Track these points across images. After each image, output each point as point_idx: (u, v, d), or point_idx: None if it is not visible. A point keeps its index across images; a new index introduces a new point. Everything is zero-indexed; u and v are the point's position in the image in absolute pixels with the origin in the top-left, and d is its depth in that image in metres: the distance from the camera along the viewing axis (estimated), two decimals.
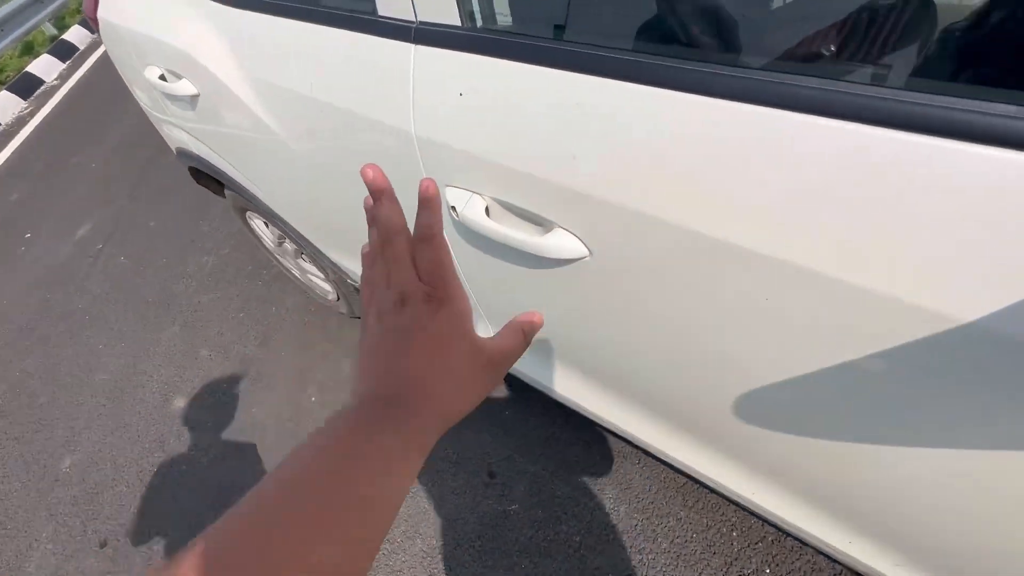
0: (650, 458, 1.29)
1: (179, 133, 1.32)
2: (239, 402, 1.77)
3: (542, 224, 0.61)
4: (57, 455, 1.82)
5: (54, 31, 6.27)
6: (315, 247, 1.30)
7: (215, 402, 1.80)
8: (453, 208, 0.68)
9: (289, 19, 0.81)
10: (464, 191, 0.67)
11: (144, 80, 1.18)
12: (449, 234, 0.78)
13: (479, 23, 0.59)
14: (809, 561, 1.11)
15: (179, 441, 1.73)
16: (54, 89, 5.18)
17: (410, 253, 0.33)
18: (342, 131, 0.79)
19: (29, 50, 5.96)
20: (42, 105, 4.90)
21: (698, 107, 0.45)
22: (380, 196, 0.32)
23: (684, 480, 1.26)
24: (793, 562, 1.12)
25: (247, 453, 1.63)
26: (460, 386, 0.34)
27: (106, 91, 4.69)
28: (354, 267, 1.26)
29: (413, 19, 0.63)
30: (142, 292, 2.37)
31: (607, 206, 0.54)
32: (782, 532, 1.15)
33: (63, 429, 1.90)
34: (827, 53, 0.67)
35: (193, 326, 2.11)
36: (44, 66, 5.63)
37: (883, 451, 0.51)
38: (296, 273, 1.84)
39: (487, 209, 0.66)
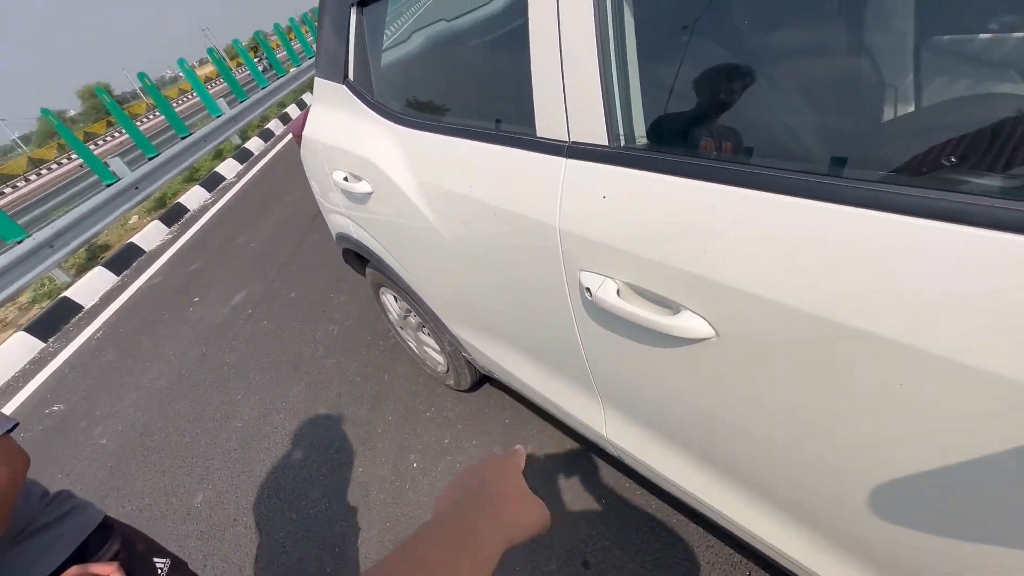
0: (760, 567, 1.19)
1: (344, 221, 1.61)
2: (349, 461, 1.91)
3: (670, 307, 0.69)
4: (192, 490, 2.06)
5: (239, 141, 7.87)
6: (441, 321, 1.47)
7: (328, 459, 1.95)
8: (588, 289, 0.79)
9: (456, 137, 1.03)
10: (598, 275, 0.78)
11: (330, 180, 1.49)
12: (579, 315, 0.88)
13: (622, 142, 0.73)
14: None
15: (293, 491, 1.88)
16: (231, 185, 6.40)
17: None
18: (493, 223, 0.95)
19: (219, 155, 7.49)
20: (222, 196, 6.05)
21: (793, 208, 0.53)
22: None
23: None
24: None
25: (349, 511, 1.73)
26: (519, 512, 0.45)
27: (270, 187, 5.71)
28: (472, 340, 1.39)
29: (567, 139, 0.79)
30: (278, 353, 2.71)
31: (735, 292, 0.61)
32: None
33: (200, 468, 2.15)
34: (947, 163, 0.72)
35: (317, 385, 2.36)
36: (227, 167, 7.00)
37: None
38: (413, 344, 2.03)
39: (618, 291, 0.75)
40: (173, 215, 5.82)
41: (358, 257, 1.88)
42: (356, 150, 1.32)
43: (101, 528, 0.87)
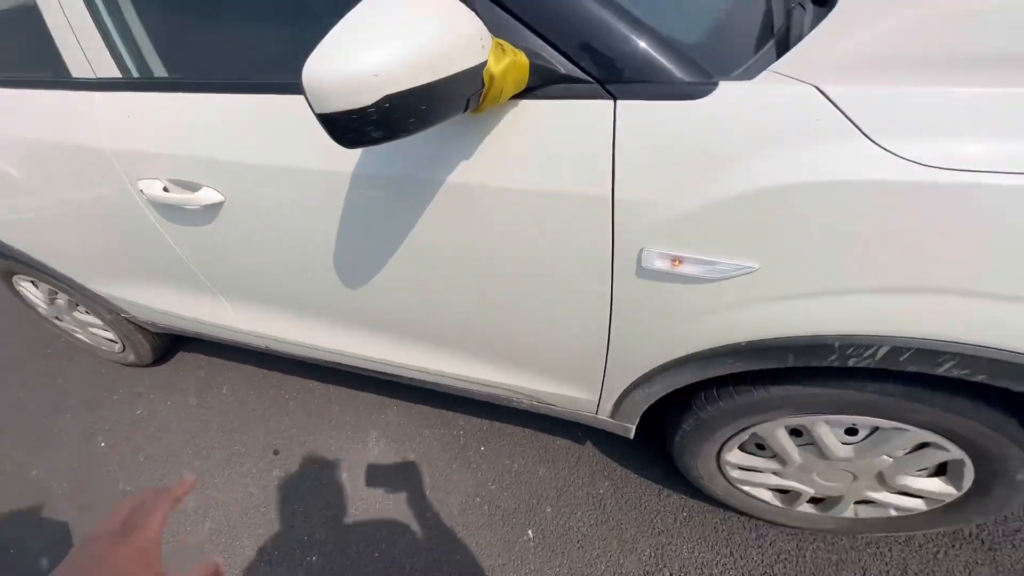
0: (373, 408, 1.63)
1: None
2: (18, 471, 1.74)
3: (195, 189, 0.98)
4: None
5: None
6: (78, 283, 1.49)
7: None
8: (142, 192, 1.02)
9: (10, 88, 1.11)
10: (148, 180, 1.01)
11: None
12: (159, 221, 1.10)
13: (133, 74, 0.97)
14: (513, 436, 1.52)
15: None
16: None
17: None
18: (61, 160, 1.09)
19: None
20: None
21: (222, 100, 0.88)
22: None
23: (391, 409, 1.62)
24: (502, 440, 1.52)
25: (26, 512, 1.61)
26: None
27: None
28: (113, 292, 1.47)
29: (94, 76, 0.99)
30: None
31: (226, 163, 0.92)
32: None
33: None
34: None
35: None
36: None
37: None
38: (79, 334, 1.93)
39: (164, 188, 1.01)
40: None
41: None
42: None
43: None
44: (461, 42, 0.57)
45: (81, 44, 0.97)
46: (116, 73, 0.97)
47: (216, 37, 0.94)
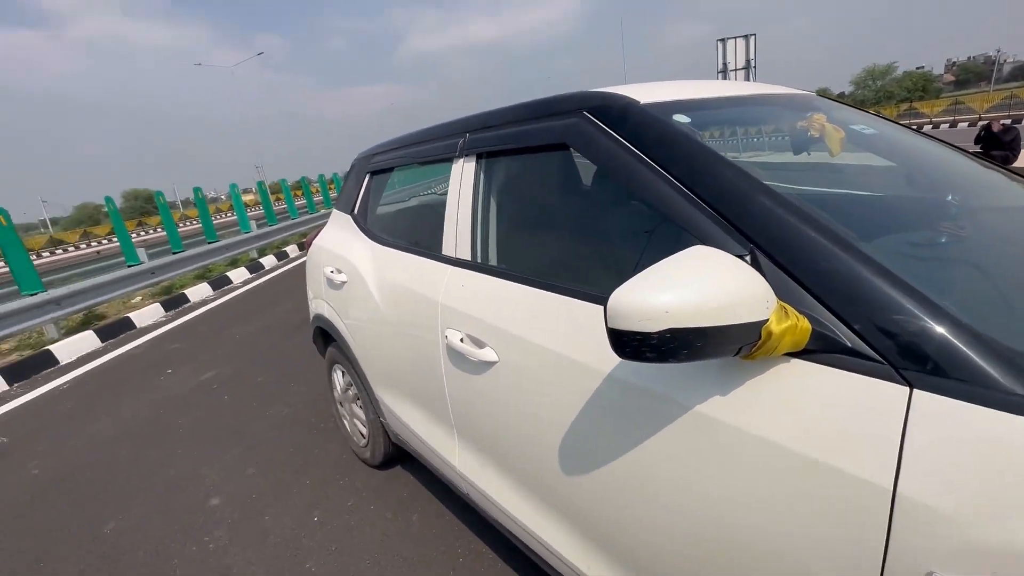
0: None
1: (322, 303, 2.19)
2: (259, 510, 2.15)
3: (482, 345, 1.23)
4: (102, 519, 2.23)
5: (256, 256, 8.82)
6: (369, 383, 1.94)
7: (241, 506, 2.19)
8: (446, 337, 1.33)
9: (403, 252, 1.68)
10: (454, 330, 1.33)
11: (321, 272, 2.12)
12: (444, 359, 1.40)
13: (478, 260, 1.36)
14: None
15: (200, 529, 2.09)
16: (236, 288, 7.08)
17: None
18: (409, 300, 1.53)
19: (234, 263, 8.34)
20: (223, 296, 6.68)
21: (529, 291, 1.12)
22: None
23: None
24: None
25: (245, 547, 1.94)
26: None
27: (269, 296, 6.38)
28: (386, 399, 1.85)
29: (455, 256, 1.42)
30: (227, 421, 3.02)
31: (505, 332, 1.16)
32: None
33: (115, 506, 2.34)
34: None
35: (253, 450, 2.65)
36: (237, 274, 7.76)
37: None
38: (347, 421, 2.42)
39: (461, 339, 1.30)
40: (174, 302, 6.38)
41: (324, 338, 2.41)
42: (344, 253, 1.97)
43: None
44: (747, 300, 0.65)
45: (457, 233, 1.42)
46: (468, 257, 1.38)
47: (533, 245, 1.26)
